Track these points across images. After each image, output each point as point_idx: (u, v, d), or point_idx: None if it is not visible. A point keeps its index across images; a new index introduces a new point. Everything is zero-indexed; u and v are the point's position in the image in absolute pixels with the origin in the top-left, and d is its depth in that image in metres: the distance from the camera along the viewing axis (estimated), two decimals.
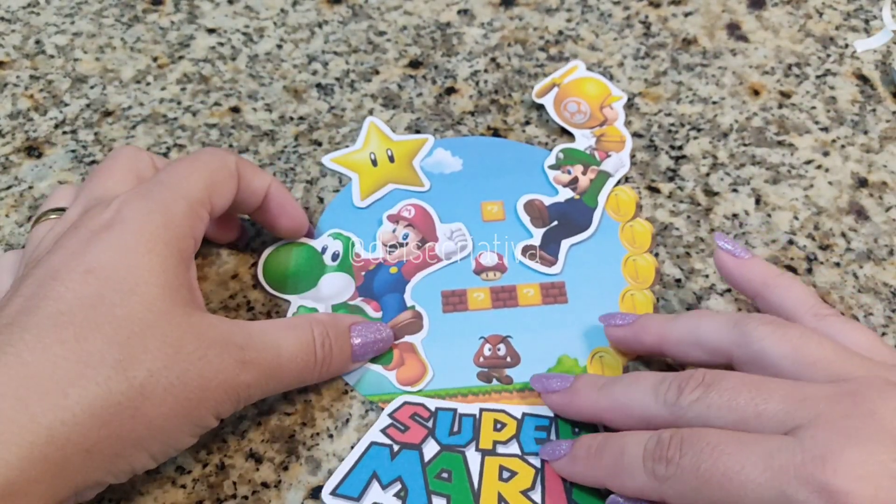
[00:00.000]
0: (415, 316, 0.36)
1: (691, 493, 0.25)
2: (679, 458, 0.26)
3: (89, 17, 0.48)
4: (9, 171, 0.41)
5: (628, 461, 0.27)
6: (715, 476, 0.25)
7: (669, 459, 0.26)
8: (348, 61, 0.46)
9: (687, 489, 0.25)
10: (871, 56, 0.46)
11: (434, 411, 0.33)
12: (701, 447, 0.25)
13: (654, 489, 0.26)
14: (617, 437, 0.29)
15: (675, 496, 0.26)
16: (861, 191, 0.40)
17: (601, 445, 0.29)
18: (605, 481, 0.29)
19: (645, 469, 0.27)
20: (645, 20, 0.48)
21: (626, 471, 0.27)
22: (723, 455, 0.25)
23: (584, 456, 0.30)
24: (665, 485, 0.26)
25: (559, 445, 0.31)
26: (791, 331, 0.28)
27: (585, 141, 0.41)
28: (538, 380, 0.32)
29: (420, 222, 0.38)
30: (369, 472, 0.31)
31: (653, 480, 0.26)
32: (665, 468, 0.26)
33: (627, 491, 0.28)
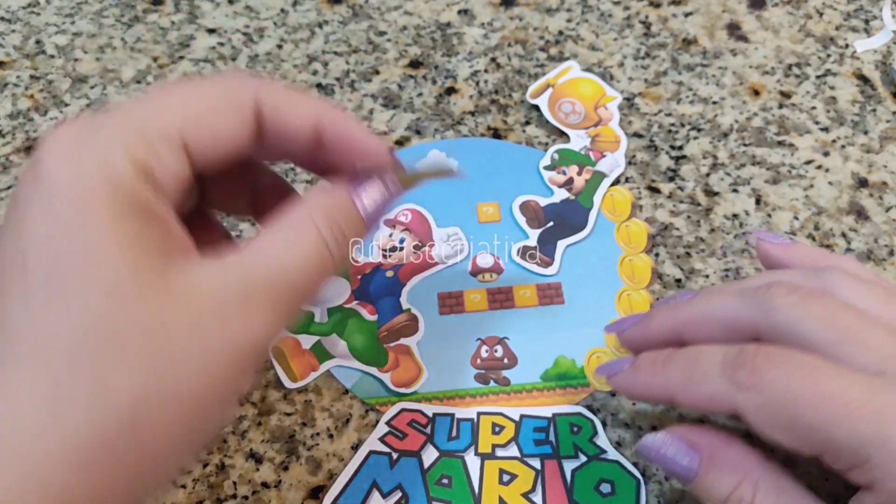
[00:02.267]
0: (410, 318, 0.36)
1: (773, 409, 0.24)
2: (768, 370, 0.24)
3: (89, 17, 0.48)
4: (9, 171, 0.41)
5: (704, 367, 0.25)
6: (810, 396, 0.23)
7: (756, 369, 0.24)
8: (348, 61, 0.46)
9: (770, 403, 0.24)
10: (872, 56, 0.46)
11: (431, 417, 0.33)
12: (795, 365, 0.24)
13: (729, 397, 0.25)
14: (691, 348, 0.27)
15: (752, 408, 0.24)
16: (861, 191, 0.40)
17: (670, 355, 0.27)
18: (669, 389, 0.27)
19: (723, 374, 0.25)
20: (645, 20, 0.48)
21: (699, 376, 0.25)
22: (823, 376, 0.23)
23: (649, 366, 0.28)
24: (744, 394, 0.24)
25: (618, 362, 0.29)
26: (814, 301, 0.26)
27: (580, 141, 0.41)
28: (614, 325, 0.31)
29: (416, 226, 0.38)
30: (369, 482, 0.31)
31: (731, 387, 0.24)
32: (749, 376, 0.24)
33: (694, 398, 0.26)
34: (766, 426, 0.24)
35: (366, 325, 0.36)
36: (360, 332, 0.35)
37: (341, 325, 0.35)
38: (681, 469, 0.26)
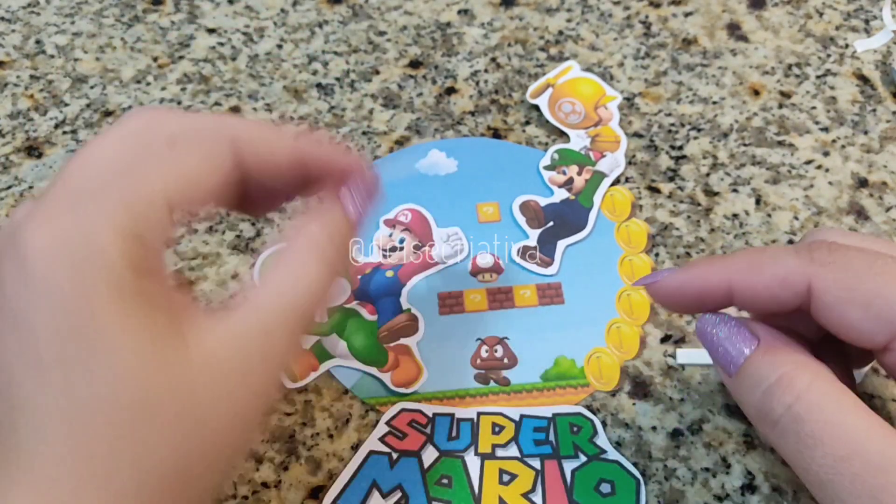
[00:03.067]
0: (410, 319, 0.36)
1: (856, 282, 0.23)
2: (846, 251, 0.23)
3: (89, 16, 0.48)
4: (9, 171, 0.41)
5: (773, 252, 0.24)
6: (891, 273, 0.22)
7: (835, 248, 0.23)
8: (348, 61, 0.46)
9: (851, 276, 0.23)
10: (872, 56, 0.46)
11: (431, 417, 0.33)
12: (874, 253, 0.23)
13: (805, 274, 0.23)
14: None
15: (830, 283, 0.23)
16: (861, 191, 0.40)
17: (726, 254, 0.26)
18: (730, 276, 0.25)
19: (798, 253, 0.24)
20: (645, 20, 0.48)
21: (768, 258, 0.24)
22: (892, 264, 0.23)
23: (704, 261, 0.26)
24: (823, 269, 0.23)
25: (661, 271, 0.27)
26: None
27: (580, 141, 0.41)
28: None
29: (416, 227, 0.38)
30: (369, 482, 0.31)
31: (808, 263, 0.23)
32: (828, 254, 0.23)
33: (761, 282, 0.24)
34: (845, 302, 0.23)
35: (366, 324, 0.36)
36: (360, 331, 0.35)
37: (341, 324, 0.36)
38: (734, 349, 0.25)
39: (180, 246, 0.38)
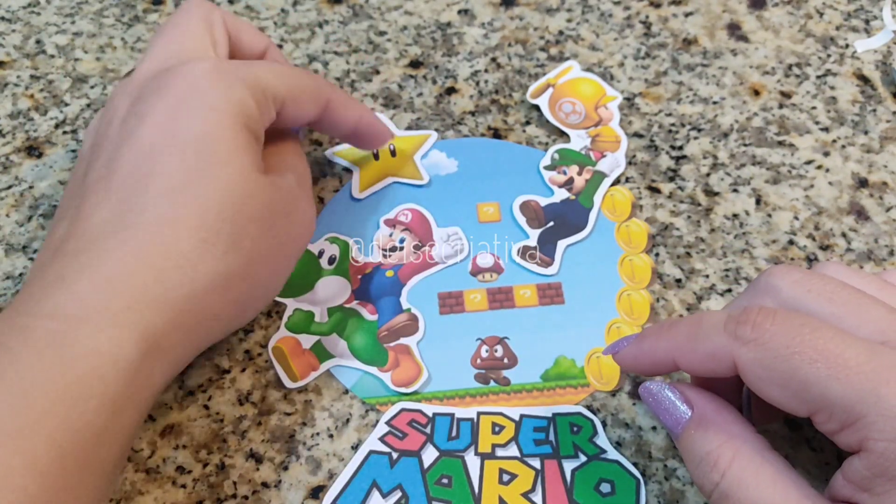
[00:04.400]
0: (410, 318, 0.36)
1: (773, 362, 0.24)
2: (769, 326, 0.24)
3: (90, 16, 0.48)
4: (9, 171, 0.41)
5: (707, 325, 0.26)
6: (808, 351, 0.23)
7: (758, 324, 0.24)
8: (349, 61, 0.46)
9: (770, 357, 0.24)
10: (872, 56, 0.46)
11: (431, 417, 0.33)
12: (800, 323, 0.24)
13: (729, 351, 0.25)
14: (696, 314, 0.28)
15: (751, 362, 0.24)
16: (861, 191, 0.40)
17: (673, 322, 0.27)
18: (674, 350, 0.27)
19: (726, 329, 0.25)
20: (645, 20, 0.48)
21: (702, 334, 0.26)
22: (824, 335, 0.23)
23: (654, 332, 0.28)
24: (745, 348, 0.24)
25: (624, 339, 0.29)
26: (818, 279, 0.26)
27: (580, 141, 0.41)
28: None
29: (417, 226, 0.38)
30: (369, 482, 0.31)
31: (733, 342, 0.25)
32: (751, 331, 0.24)
33: (695, 359, 0.26)
34: (764, 381, 0.24)
35: (366, 324, 0.36)
36: (361, 331, 0.35)
37: (341, 324, 0.36)
38: (671, 419, 0.27)
39: None
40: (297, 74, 0.33)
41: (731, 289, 0.37)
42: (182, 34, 0.33)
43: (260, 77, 0.31)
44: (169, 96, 0.30)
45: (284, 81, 0.32)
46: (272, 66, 0.33)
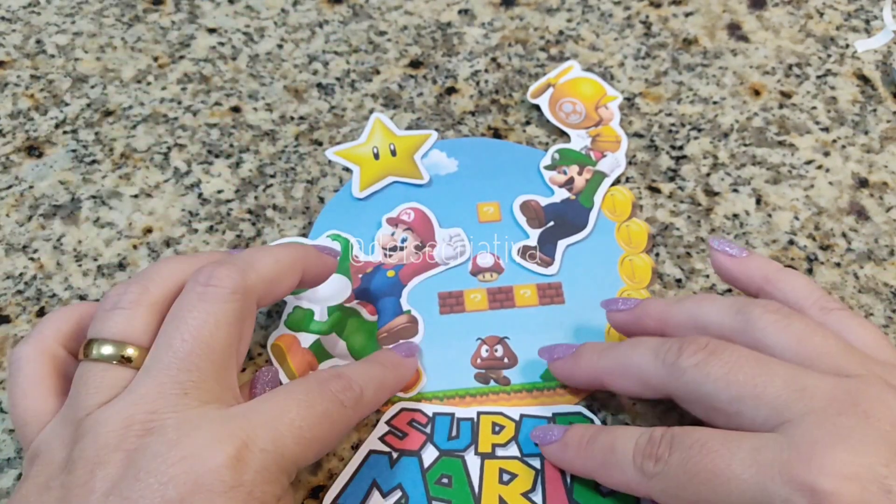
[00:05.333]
0: (410, 321, 0.36)
1: (678, 490, 0.25)
2: (668, 456, 0.25)
3: (90, 16, 0.48)
4: (9, 171, 0.41)
5: (618, 456, 0.27)
6: (701, 473, 0.24)
7: (658, 457, 0.26)
8: (349, 61, 0.46)
9: (674, 486, 0.25)
10: (872, 56, 0.46)
11: (432, 416, 0.33)
12: (689, 444, 0.25)
13: (642, 485, 0.26)
14: (609, 431, 0.29)
15: (661, 492, 0.26)
16: (861, 191, 0.40)
17: (593, 437, 0.29)
18: (593, 472, 0.29)
19: (634, 465, 0.27)
20: (645, 20, 0.48)
21: (615, 465, 0.27)
22: (710, 453, 0.24)
23: (575, 445, 0.30)
24: (653, 481, 0.26)
25: (551, 431, 0.31)
26: (795, 322, 0.28)
27: (581, 141, 0.41)
28: (545, 350, 0.33)
29: (419, 226, 0.38)
30: (369, 481, 0.31)
31: (641, 476, 0.26)
32: (654, 465, 0.26)
33: (615, 483, 0.28)
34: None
35: (365, 325, 0.36)
36: (360, 332, 0.35)
37: (341, 324, 0.35)
38: None
39: (180, 246, 0.38)
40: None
41: (731, 289, 0.37)
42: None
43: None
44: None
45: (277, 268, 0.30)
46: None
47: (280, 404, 0.27)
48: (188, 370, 0.26)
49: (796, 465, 0.23)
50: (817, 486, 0.22)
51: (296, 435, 0.26)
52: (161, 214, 0.39)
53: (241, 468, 0.24)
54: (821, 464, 0.22)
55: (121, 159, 0.41)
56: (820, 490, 0.22)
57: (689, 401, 0.28)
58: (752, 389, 0.25)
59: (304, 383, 0.28)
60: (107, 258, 0.38)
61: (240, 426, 0.25)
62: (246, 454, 0.25)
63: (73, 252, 0.38)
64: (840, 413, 0.24)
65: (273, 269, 0.30)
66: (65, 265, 0.38)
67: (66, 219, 0.39)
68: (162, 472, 0.24)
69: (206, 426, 0.25)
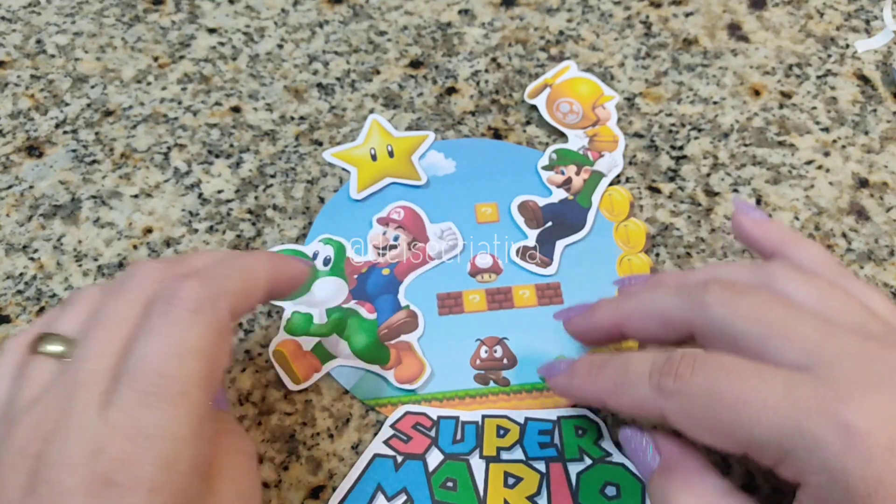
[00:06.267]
0: (410, 315, 0.36)
1: (697, 411, 0.24)
2: (690, 375, 0.24)
3: (90, 16, 0.48)
4: (9, 171, 0.41)
5: (633, 374, 0.26)
6: (729, 397, 0.23)
7: (679, 375, 0.25)
8: (349, 61, 0.46)
9: (693, 406, 0.24)
10: (872, 56, 0.46)
11: (436, 420, 0.33)
12: (716, 367, 0.24)
13: (656, 403, 0.25)
14: (623, 354, 0.28)
15: (677, 412, 0.25)
16: (862, 191, 0.40)
17: (605, 361, 0.28)
18: (601, 395, 0.28)
19: (650, 381, 0.26)
20: (646, 20, 0.48)
21: (628, 383, 0.27)
22: (740, 378, 0.24)
23: (584, 370, 0.29)
24: (669, 400, 0.25)
25: (559, 363, 0.30)
26: (816, 279, 0.27)
27: (578, 141, 0.41)
28: (562, 313, 0.33)
29: (410, 224, 0.38)
30: (374, 485, 0.31)
31: (656, 394, 0.25)
32: (673, 382, 0.25)
33: (624, 404, 0.27)
34: (692, 429, 0.25)
35: (365, 323, 0.36)
36: (361, 331, 0.35)
37: (341, 325, 0.35)
38: (643, 466, 0.27)
39: (180, 246, 0.38)
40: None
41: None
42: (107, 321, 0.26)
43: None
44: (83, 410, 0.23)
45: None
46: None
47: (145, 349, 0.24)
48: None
49: (833, 402, 0.22)
50: (853, 424, 0.21)
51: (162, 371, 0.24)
52: (161, 214, 0.39)
53: None
54: (858, 404, 0.22)
55: (121, 159, 0.42)
56: (856, 428, 0.21)
57: (714, 337, 0.26)
58: (783, 329, 0.24)
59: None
60: (107, 258, 0.38)
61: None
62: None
63: (74, 252, 0.38)
64: (874, 360, 0.23)
65: (241, 283, 0.28)
66: (65, 265, 0.38)
67: (66, 219, 0.39)
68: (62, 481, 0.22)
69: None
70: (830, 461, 0.21)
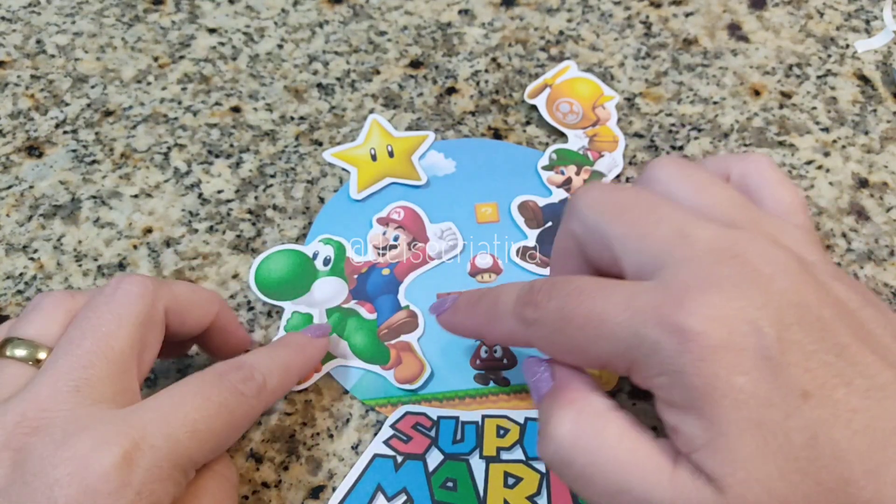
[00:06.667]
0: (410, 315, 0.36)
1: (554, 336, 0.25)
2: (547, 302, 0.25)
3: (90, 16, 0.48)
4: (9, 171, 0.41)
5: (501, 308, 0.27)
6: (577, 318, 0.24)
7: (538, 303, 0.25)
8: (349, 61, 0.46)
9: (550, 332, 0.25)
10: (872, 56, 0.46)
11: (436, 420, 0.33)
12: (568, 291, 0.25)
13: (522, 333, 0.26)
14: (495, 289, 0.28)
15: (540, 339, 0.26)
16: (862, 191, 0.40)
17: (481, 295, 0.29)
18: (479, 329, 0.29)
19: (514, 314, 0.26)
20: (646, 20, 0.48)
21: (498, 318, 0.27)
22: (587, 298, 0.24)
23: (464, 306, 0.30)
24: (531, 329, 0.26)
25: (446, 300, 0.31)
26: (696, 172, 0.27)
27: (578, 141, 0.41)
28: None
29: (410, 224, 0.39)
30: (374, 485, 0.31)
31: (521, 324, 0.26)
32: (533, 311, 0.25)
33: (497, 337, 0.28)
34: (556, 354, 0.26)
35: (365, 323, 0.36)
36: (361, 330, 0.35)
37: (341, 325, 0.36)
38: (536, 393, 0.27)
39: (180, 246, 0.38)
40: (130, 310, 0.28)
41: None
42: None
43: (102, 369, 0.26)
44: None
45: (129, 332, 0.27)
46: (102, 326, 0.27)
47: (174, 398, 0.26)
48: (83, 367, 0.25)
49: (667, 307, 0.22)
50: (686, 327, 0.21)
51: (190, 429, 0.25)
52: (161, 214, 0.39)
53: (130, 468, 0.23)
54: (691, 306, 0.22)
55: (121, 159, 0.42)
56: (689, 330, 0.21)
57: (595, 245, 0.26)
58: (640, 230, 0.25)
59: (202, 375, 0.27)
60: (107, 258, 0.38)
61: (131, 424, 0.24)
62: (135, 453, 0.24)
63: (73, 252, 0.38)
64: (718, 262, 0.23)
65: (186, 291, 0.30)
66: (65, 265, 0.38)
67: (66, 219, 0.39)
68: (47, 473, 0.23)
69: (95, 425, 0.24)
70: (668, 364, 0.22)
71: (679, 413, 0.22)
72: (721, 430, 0.21)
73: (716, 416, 0.21)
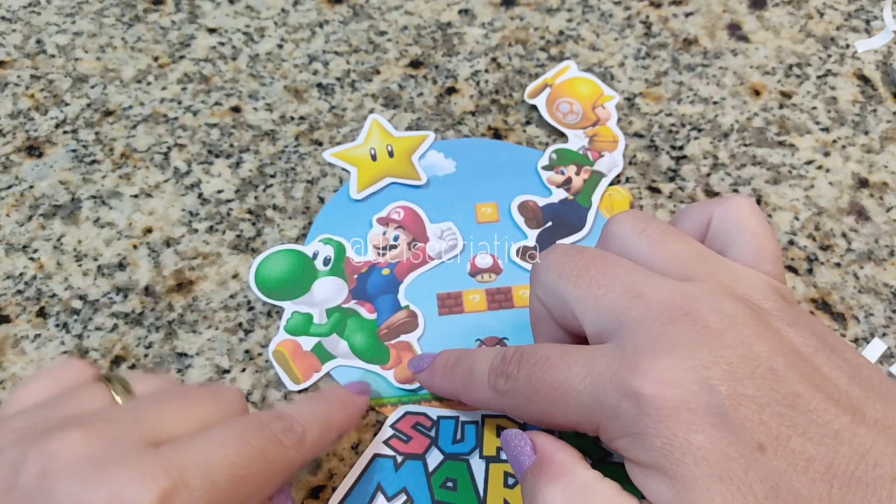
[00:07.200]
0: (410, 315, 0.36)
1: (525, 405, 0.26)
2: (517, 373, 0.26)
3: (90, 16, 0.48)
4: (9, 171, 0.41)
5: (476, 376, 0.28)
6: (544, 387, 0.25)
7: (509, 374, 0.26)
8: (349, 61, 0.46)
9: (521, 401, 0.26)
10: (872, 56, 0.46)
11: (436, 420, 0.33)
12: (535, 361, 0.26)
13: (496, 402, 0.27)
14: (469, 354, 0.30)
15: (513, 408, 0.27)
16: (862, 191, 0.40)
17: (457, 360, 0.30)
18: (457, 394, 0.30)
19: (489, 384, 0.27)
20: (646, 20, 0.48)
21: (474, 385, 0.28)
22: (551, 368, 0.25)
23: (440, 370, 0.31)
24: (504, 398, 0.27)
25: (423, 359, 0.32)
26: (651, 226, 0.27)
27: (578, 141, 0.41)
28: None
29: (410, 224, 0.38)
30: (374, 485, 0.31)
31: (494, 394, 0.27)
32: (504, 382, 0.27)
33: (474, 403, 0.29)
34: (528, 420, 0.27)
35: (365, 323, 0.36)
36: (361, 331, 0.35)
37: (340, 325, 0.35)
38: (517, 466, 0.27)
39: (180, 246, 0.38)
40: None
41: None
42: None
43: None
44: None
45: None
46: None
47: (215, 441, 0.24)
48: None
49: (622, 372, 0.23)
50: (641, 391, 0.22)
51: (229, 473, 0.24)
52: (161, 214, 0.39)
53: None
54: (645, 370, 0.22)
55: (121, 159, 0.42)
56: (643, 394, 0.22)
57: (558, 307, 0.27)
58: (595, 291, 0.25)
59: (243, 421, 0.26)
60: (107, 258, 0.38)
61: (170, 462, 0.23)
62: (174, 493, 0.22)
63: (73, 252, 0.38)
64: (669, 321, 0.23)
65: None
66: (65, 265, 0.38)
67: (66, 219, 0.39)
68: (78, 494, 0.21)
69: (133, 460, 0.23)
70: (629, 427, 0.23)
71: (645, 472, 0.23)
72: (686, 486, 0.21)
73: (679, 474, 0.22)
